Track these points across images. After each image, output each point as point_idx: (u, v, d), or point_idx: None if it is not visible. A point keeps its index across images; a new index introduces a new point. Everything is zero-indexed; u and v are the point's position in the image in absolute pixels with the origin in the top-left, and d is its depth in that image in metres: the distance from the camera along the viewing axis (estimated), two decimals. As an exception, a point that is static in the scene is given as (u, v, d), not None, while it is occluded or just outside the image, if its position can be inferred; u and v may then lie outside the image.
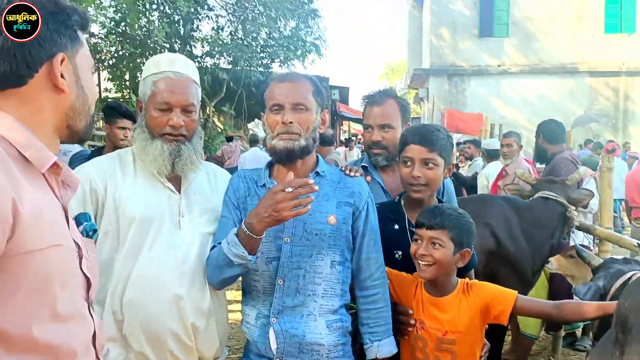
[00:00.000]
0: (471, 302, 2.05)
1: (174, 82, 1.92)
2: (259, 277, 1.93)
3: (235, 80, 16.86)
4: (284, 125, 1.89)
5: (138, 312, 1.84)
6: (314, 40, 17.99)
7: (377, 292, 2.00)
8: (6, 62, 1.16)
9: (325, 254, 1.91)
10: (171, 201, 1.95)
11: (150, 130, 1.94)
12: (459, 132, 13.96)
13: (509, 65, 19.23)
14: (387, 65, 49.74)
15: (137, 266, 1.85)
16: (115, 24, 16.41)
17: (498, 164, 6.25)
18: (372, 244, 2.00)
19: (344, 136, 24.75)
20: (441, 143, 2.15)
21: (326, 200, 1.94)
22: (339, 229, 1.93)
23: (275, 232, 1.90)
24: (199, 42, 17.48)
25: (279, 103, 1.92)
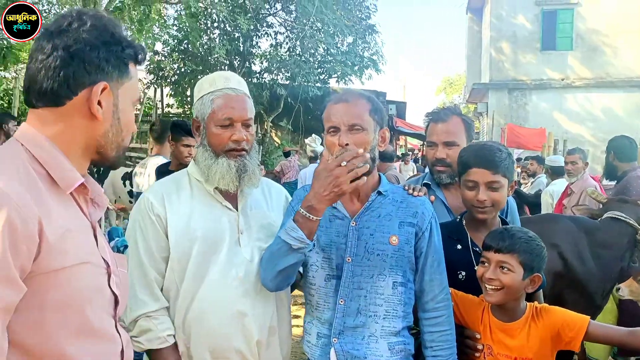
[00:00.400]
0: (541, 327, 1.98)
1: (233, 98, 1.96)
2: (315, 291, 1.94)
3: (292, 96, 17.08)
4: (341, 147, 1.86)
5: (202, 329, 1.88)
6: (371, 55, 18.02)
7: (441, 315, 1.95)
8: (50, 80, 1.18)
9: (386, 274, 1.89)
10: (230, 219, 1.98)
11: (214, 148, 1.97)
12: (520, 148, 13.64)
13: (573, 78, 18.68)
14: (444, 79, 49.22)
15: (201, 285, 1.89)
16: (178, 42, 17.00)
17: (563, 181, 6.05)
18: (436, 265, 1.96)
19: (401, 151, 24.59)
20: (504, 163, 2.12)
21: (388, 220, 1.92)
22: (401, 249, 1.90)
23: (337, 250, 1.90)
24: (257, 59, 17.86)
25: (335, 125, 1.90)
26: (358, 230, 1.91)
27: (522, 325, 2.00)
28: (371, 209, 1.94)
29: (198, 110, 2.00)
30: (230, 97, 1.96)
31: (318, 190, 1.76)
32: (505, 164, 2.13)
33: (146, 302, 1.91)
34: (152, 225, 1.93)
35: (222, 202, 1.99)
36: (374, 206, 1.94)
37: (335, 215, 1.94)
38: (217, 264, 1.91)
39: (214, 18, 16.68)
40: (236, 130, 1.95)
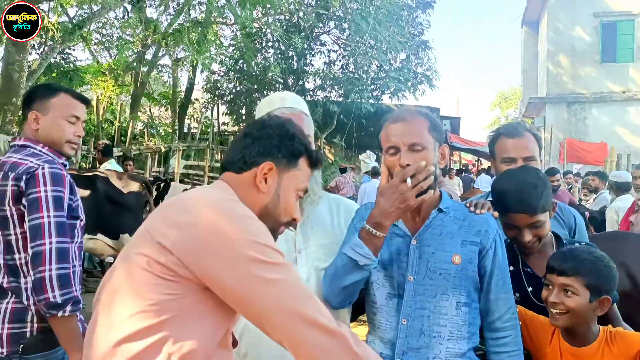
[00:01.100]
0: (616, 353, 1.90)
1: (287, 116, 1.89)
2: (377, 310, 1.93)
3: (345, 113, 17.19)
4: (402, 168, 1.82)
5: (260, 355, 1.86)
6: (424, 71, 17.99)
7: (509, 335, 1.89)
8: (238, 153, 1.55)
9: (450, 294, 1.85)
10: (287, 237, 1.91)
11: None
12: (580, 163, 13.27)
13: (635, 91, 18.05)
14: (499, 94, 48.32)
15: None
16: (234, 62, 17.44)
17: (629, 197, 5.87)
18: (501, 284, 1.91)
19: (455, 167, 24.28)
20: (542, 201, 2.03)
21: (450, 238, 1.88)
22: (465, 269, 1.85)
23: (399, 269, 1.89)
24: (311, 77, 18.10)
25: (394, 145, 1.86)
26: (419, 248, 1.88)
27: (595, 351, 1.92)
28: (432, 227, 1.90)
29: None
30: (285, 115, 1.90)
31: (384, 207, 1.75)
32: (544, 200, 2.05)
33: None
34: None
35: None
36: (435, 224, 1.90)
37: (396, 233, 1.92)
38: None
39: (269, 37, 17.07)
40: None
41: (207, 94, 19.50)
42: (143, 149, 14.96)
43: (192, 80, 18.40)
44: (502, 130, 2.51)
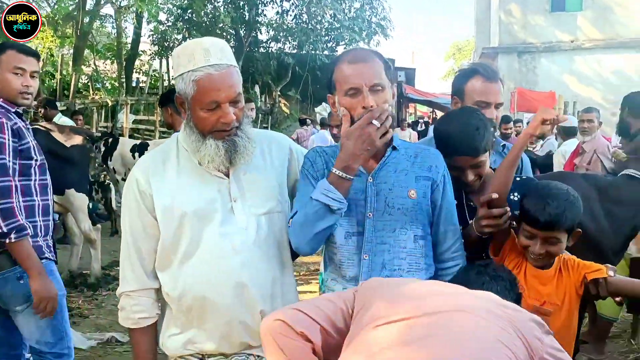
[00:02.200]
0: (567, 279, 2.06)
1: (217, 78, 1.78)
2: (338, 249, 1.94)
3: (300, 65, 16.99)
4: (365, 110, 1.83)
5: (203, 306, 1.85)
6: (379, 21, 17.82)
7: (457, 264, 2.00)
8: None
9: (407, 228, 1.90)
10: (221, 187, 1.89)
11: (200, 130, 1.84)
12: (531, 112, 13.51)
13: (583, 40, 18.36)
14: (453, 45, 48.55)
15: (196, 261, 1.85)
16: (182, 11, 16.85)
17: (575, 141, 6.02)
18: (450, 217, 1.99)
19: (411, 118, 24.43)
20: (484, 142, 2.10)
21: (405, 174, 1.93)
22: (420, 203, 1.91)
23: (357, 207, 1.90)
24: (264, 27, 17.70)
25: (355, 87, 1.86)
26: (376, 185, 1.91)
27: (553, 275, 2.07)
28: (387, 164, 1.94)
29: (180, 88, 1.84)
30: (214, 77, 1.77)
31: (352, 150, 1.77)
32: (485, 141, 2.10)
33: (127, 281, 1.91)
34: (136, 203, 1.88)
35: (211, 172, 1.89)
36: (390, 161, 1.94)
37: None
38: (210, 236, 1.84)
39: (219, -15, 16.52)
40: (224, 112, 1.80)
41: (154, 45, 18.84)
42: (88, 102, 14.43)
43: (138, 31, 17.69)
44: (480, 70, 2.43)
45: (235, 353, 1.91)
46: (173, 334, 1.93)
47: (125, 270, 1.93)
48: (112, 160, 8.61)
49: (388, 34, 17.78)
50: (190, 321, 1.89)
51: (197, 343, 1.89)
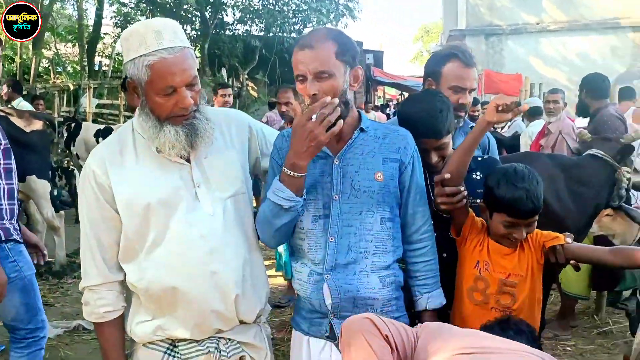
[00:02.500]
0: (528, 250, 2.12)
1: (171, 62, 1.71)
2: (305, 234, 1.92)
3: (268, 47, 16.82)
4: (310, 97, 1.83)
5: (174, 298, 1.81)
6: (346, 3, 17.73)
7: (426, 246, 2.00)
8: None
9: (374, 210, 1.90)
10: (183, 173, 1.83)
11: (157, 116, 1.78)
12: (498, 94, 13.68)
13: (548, 22, 18.59)
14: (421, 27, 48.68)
15: (163, 251, 1.80)
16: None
17: (541, 122, 6.11)
18: (419, 199, 1.98)
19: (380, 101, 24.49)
20: (447, 124, 2.12)
21: (372, 157, 1.91)
22: (387, 185, 1.90)
23: (323, 190, 1.89)
24: (230, 9, 17.43)
25: (301, 74, 1.84)
26: (342, 168, 1.89)
27: (515, 247, 2.13)
28: (354, 146, 1.91)
29: (132, 73, 1.75)
30: (168, 62, 1.70)
31: (296, 147, 1.75)
32: (449, 123, 2.13)
33: (89, 275, 1.86)
34: (94, 196, 1.81)
35: (171, 158, 1.82)
36: (357, 143, 1.92)
37: (318, 156, 1.90)
38: (177, 226, 1.79)
39: (183, -34, 16.16)
40: (180, 96, 1.74)
41: (117, 28, 18.39)
42: (49, 87, 14.03)
43: (99, 13, 17.25)
44: (459, 55, 2.40)
45: (207, 338, 1.89)
46: (142, 320, 1.88)
47: (86, 264, 1.87)
48: (75, 146, 8.41)
49: (356, 15, 17.72)
50: (160, 309, 1.85)
51: (168, 330, 1.85)
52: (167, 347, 1.88)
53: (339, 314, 1.90)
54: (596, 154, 3.72)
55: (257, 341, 1.99)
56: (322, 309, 1.92)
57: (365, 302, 1.90)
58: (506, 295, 2.07)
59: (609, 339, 4.31)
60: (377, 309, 1.90)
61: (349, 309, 1.89)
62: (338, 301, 1.89)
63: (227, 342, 1.92)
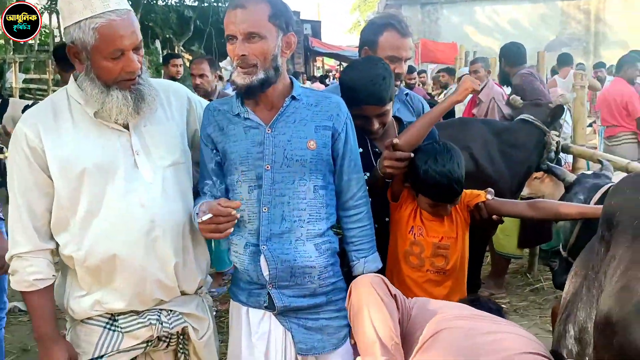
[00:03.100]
0: (455, 212, 2.20)
1: (119, 24, 1.68)
2: (244, 205, 1.91)
3: (202, 18, 16.35)
4: (239, 58, 1.81)
5: (113, 267, 1.77)
6: (282, -28, 17.41)
7: (361, 212, 2.02)
8: None
9: (307, 179, 1.89)
10: (121, 140, 1.80)
11: (104, 81, 1.74)
12: (435, 63, 13.88)
13: (482, -9, 18.95)
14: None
15: (100, 219, 1.76)
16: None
17: (472, 90, 6.23)
18: (353, 165, 1.99)
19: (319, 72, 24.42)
20: (389, 91, 2.14)
21: (304, 125, 1.90)
22: (320, 153, 1.90)
23: (255, 160, 1.87)
24: (162, -22, 16.81)
25: (231, 34, 1.81)
26: (274, 137, 1.87)
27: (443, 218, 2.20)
28: (286, 115, 1.90)
29: (76, 37, 1.69)
30: (116, 24, 1.67)
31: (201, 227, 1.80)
32: (390, 90, 2.15)
33: (18, 242, 1.78)
34: (26, 160, 1.74)
35: (109, 124, 1.79)
36: (288, 112, 1.91)
37: (249, 126, 1.89)
38: (114, 193, 1.76)
39: None
40: (128, 59, 1.71)
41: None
42: (-29, 62, 13.23)
43: (23, -17, 16.28)
44: (395, 24, 2.41)
45: (147, 310, 1.87)
46: (79, 295, 1.84)
47: (15, 232, 1.79)
48: (3, 123, 8.00)
49: (292, -15, 17.48)
50: (98, 281, 1.81)
51: (106, 303, 1.82)
52: (106, 322, 1.85)
53: (277, 284, 1.92)
54: (527, 118, 3.86)
55: (199, 312, 1.99)
56: (260, 280, 1.93)
57: (303, 270, 1.91)
58: (440, 258, 2.15)
59: (540, 295, 4.54)
60: (314, 276, 1.93)
61: (286, 279, 1.91)
62: (275, 272, 1.90)
63: (168, 313, 1.91)
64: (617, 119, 6.27)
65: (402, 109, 2.56)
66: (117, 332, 1.84)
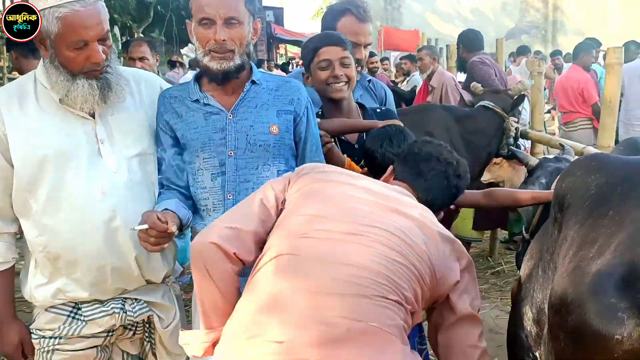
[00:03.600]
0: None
1: (84, 14, 1.65)
2: (208, 193, 1.89)
3: (162, 4, 16.07)
4: (217, 42, 1.79)
5: (72, 255, 1.75)
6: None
7: None
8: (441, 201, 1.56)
9: (271, 164, 1.88)
10: (86, 128, 1.78)
11: (69, 69, 1.71)
12: (397, 50, 13.95)
13: (443, -22, 19.13)
14: (320, -17, 48.29)
15: (60, 207, 1.73)
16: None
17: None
18: (315, 150, 1.99)
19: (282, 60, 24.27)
20: (349, 43, 2.17)
21: (266, 109, 1.89)
22: (282, 138, 1.90)
23: (217, 146, 1.86)
24: (120, -37, 16.40)
25: (209, 17, 1.78)
26: (236, 122, 1.86)
27: None
28: (247, 100, 1.89)
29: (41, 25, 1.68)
30: (80, 14, 1.64)
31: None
32: (350, 44, 2.18)
33: None
34: None
35: (74, 111, 1.76)
36: (250, 97, 1.90)
37: (210, 112, 1.87)
38: (76, 181, 1.74)
39: None
40: (93, 50, 1.69)
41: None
42: None
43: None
44: (352, 10, 2.42)
45: (111, 299, 1.85)
46: (40, 284, 1.81)
47: None
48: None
49: (255, -30, 17.28)
50: (58, 270, 1.79)
51: (69, 292, 1.80)
52: (70, 310, 1.83)
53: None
54: (487, 105, 3.92)
55: (165, 301, 1.98)
56: None
57: None
58: None
59: (501, 278, 4.65)
60: None
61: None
62: None
63: (133, 302, 1.89)
64: (573, 106, 6.42)
65: (364, 96, 2.57)
66: (80, 321, 1.83)
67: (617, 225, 1.27)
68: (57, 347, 1.82)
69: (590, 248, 1.28)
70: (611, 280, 1.16)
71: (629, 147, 1.92)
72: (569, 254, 1.33)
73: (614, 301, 1.14)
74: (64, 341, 1.82)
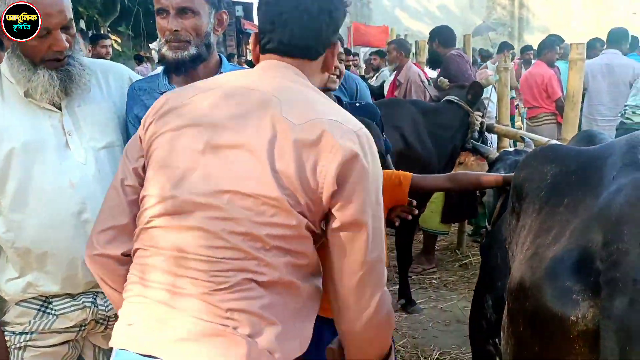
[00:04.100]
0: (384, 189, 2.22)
1: (45, 1, 1.62)
2: None
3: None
4: (170, 33, 1.79)
5: (42, 250, 1.73)
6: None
7: None
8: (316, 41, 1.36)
9: None
10: (53, 121, 1.75)
11: (30, 59, 1.69)
12: (366, 46, 14.02)
13: (412, -25, 19.26)
14: (290, -21, 48.13)
15: (31, 201, 1.71)
16: None
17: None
18: None
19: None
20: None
21: None
22: None
23: None
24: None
25: (163, 7, 1.78)
26: None
27: None
28: None
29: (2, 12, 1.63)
30: (43, 1, 1.61)
31: None
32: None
33: None
34: None
35: (40, 104, 1.75)
36: None
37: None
38: (44, 174, 1.72)
39: None
40: (55, 39, 1.66)
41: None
42: None
43: None
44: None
45: (83, 292, 1.84)
46: (11, 278, 1.79)
47: None
48: None
49: (224, -35, 17.13)
50: (29, 264, 1.76)
51: (40, 286, 1.78)
52: (40, 304, 1.81)
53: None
54: (452, 99, 4.00)
55: None
56: None
57: None
58: None
59: (469, 270, 4.74)
60: None
61: None
62: None
63: (104, 296, 1.85)
64: (538, 101, 6.56)
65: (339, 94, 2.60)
66: (51, 315, 1.81)
67: (571, 213, 1.32)
68: (28, 343, 1.80)
69: (547, 235, 1.33)
70: (565, 264, 1.21)
71: (583, 139, 1.99)
72: (527, 241, 1.38)
73: (568, 284, 1.18)
74: (35, 336, 1.80)
